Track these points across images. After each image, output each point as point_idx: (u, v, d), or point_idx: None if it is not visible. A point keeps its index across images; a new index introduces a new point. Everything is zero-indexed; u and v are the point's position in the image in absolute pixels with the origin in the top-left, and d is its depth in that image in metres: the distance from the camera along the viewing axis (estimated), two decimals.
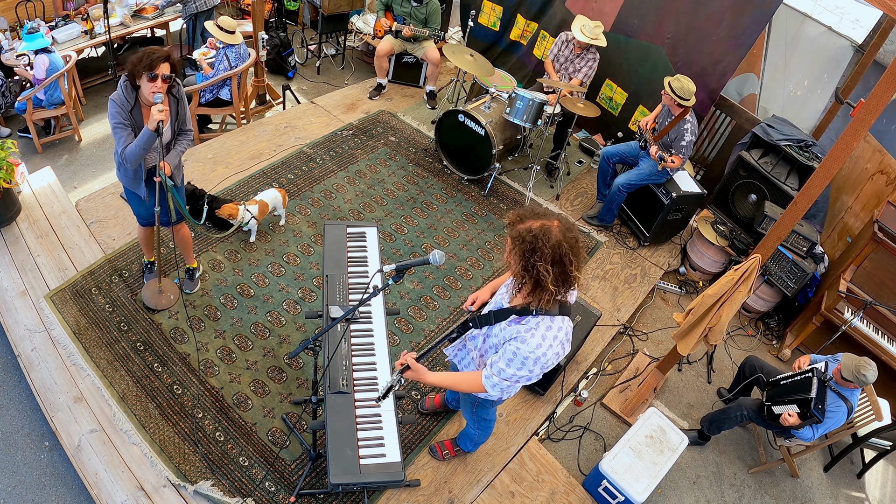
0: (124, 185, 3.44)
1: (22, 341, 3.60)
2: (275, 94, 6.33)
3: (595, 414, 4.11)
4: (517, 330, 2.26)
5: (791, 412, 3.45)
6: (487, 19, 6.82)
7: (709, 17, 5.17)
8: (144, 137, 3.01)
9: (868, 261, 4.33)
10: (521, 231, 2.08)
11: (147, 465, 3.16)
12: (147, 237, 3.81)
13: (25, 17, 5.67)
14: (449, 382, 2.50)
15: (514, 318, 2.30)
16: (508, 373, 2.27)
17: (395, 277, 2.38)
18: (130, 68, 2.95)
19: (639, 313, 4.86)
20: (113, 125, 3.03)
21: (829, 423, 3.41)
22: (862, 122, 2.54)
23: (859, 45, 5.34)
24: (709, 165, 5.95)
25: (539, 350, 2.20)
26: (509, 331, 2.29)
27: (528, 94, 4.92)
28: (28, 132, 5.28)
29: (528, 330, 2.23)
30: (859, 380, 3.38)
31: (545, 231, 2.05)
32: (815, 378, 3.49)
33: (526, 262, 2.08)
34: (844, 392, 3.46)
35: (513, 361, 2.25)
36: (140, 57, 2.93)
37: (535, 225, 2.08)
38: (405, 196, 5.17)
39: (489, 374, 2.33)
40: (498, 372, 2.30)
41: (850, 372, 3.39)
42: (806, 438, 3.48)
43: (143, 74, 2.94)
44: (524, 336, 2.22)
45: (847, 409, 3.42)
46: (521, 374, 2.26)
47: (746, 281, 3.11)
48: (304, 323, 3.98)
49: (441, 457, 3.47)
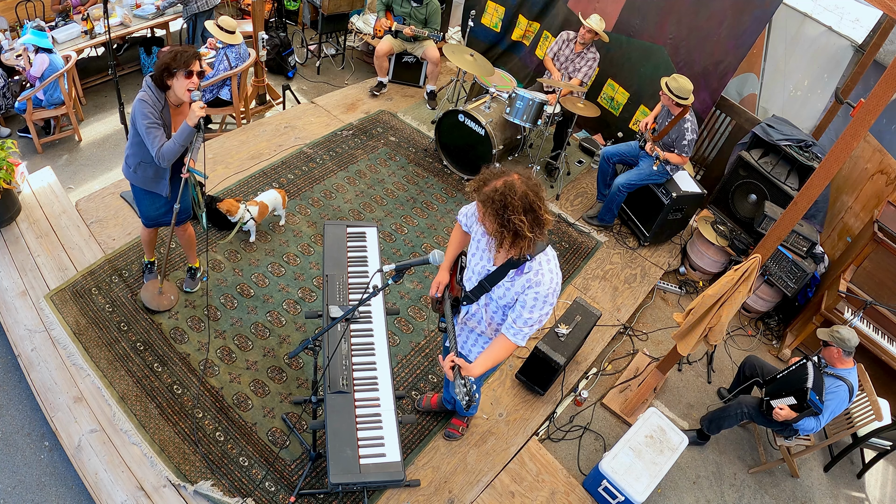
0: (138, 185, 3.38)
1: (22, 341, 3.60)
2: (275, 94, 6.33)
3: (595, 414, 4.11)
4: (526, 279, 2.37)
5: (782, 405, 3.46)
6: (490, 20, 6.82)
7: (710, 17, 5.17)
8: (185, 134, 3.04)
9: (868, 261, 4.33)
10: (489, 192, 2.19)
11: (147, 465, 3.16)
12: (151, 238, 3.81)
13: (25, 17, 5.67)
14: (492, 362, 2.55)
15: (513, 272, 2.40)
16: (535, 317, 2.40)
17: (395, 277, 2.39)
18: (164, 67, 2.94)
19: (639, 313, 4.86)
20: (147, 125, 3.01)
21: (832, 405, 3.43)
22: (862, 122, 2.54)
23: (859, 45, 5.33)
24: (709, 165, 5.96)
25: (553, 283, 2.37)
26: (518, 283, 2.39)
27: (528, 94, 4.92)
28: (28, 132, 5.28)
29: (535, 273, 2.36)
30: (835, 338, 3.48)
31: (510, 186, 2.17)
32: (810, 365, 3.52)
33: (501, 218, 2.18)
34: (840, 372, 3.51)
35: (535, 306, 2.38)
36: (175, 55, 2.94)
37: (498, 184, 2.20)
38: (405, 196, 5.17)
39: (516, 330, 2.44)
40: (524, 322, 2.41)
41: (826, 335, 3.50)
42: (810, 429, 3.49)
43: (179, 72, 2.95)
44: (537, 279, 2.35)
45: (848, 389, 3.44)
46: (545, 312, 2.41)
47: (746, 281, 3.11)
48: (304, 323, 3.98)
49: (459, 434, 3.57)
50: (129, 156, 3.27)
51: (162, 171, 3.30)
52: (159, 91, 3.04)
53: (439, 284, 2.79)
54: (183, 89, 3.01)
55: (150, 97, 3.01)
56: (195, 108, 2.99)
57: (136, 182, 3.37)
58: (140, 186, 3.39)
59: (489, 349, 2.55)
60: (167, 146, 3.06)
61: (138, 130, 3.07)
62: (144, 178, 3.32)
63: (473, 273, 2.57)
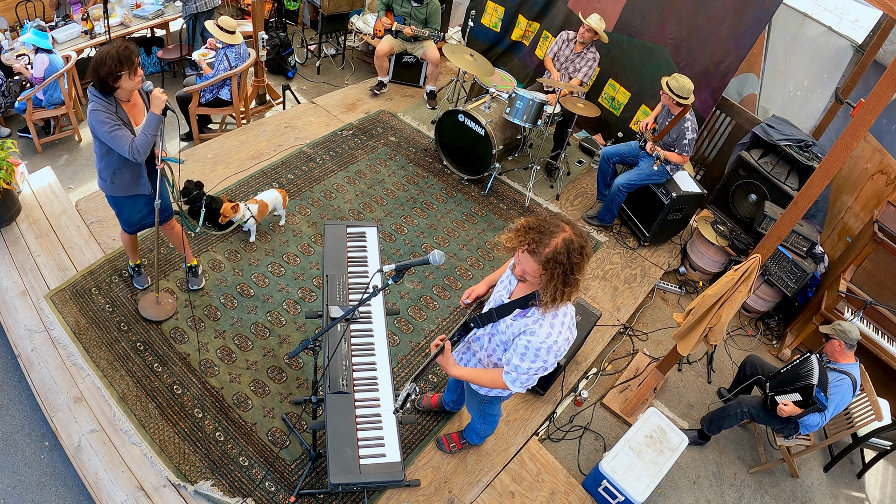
0: (117, 194, 3.37)
1: (22, 341, 3.60)
2: (275, 94, 6.33)
3: (595, 414, 4.11)
4: (524, 324, 2.28)
5: (787, 401, 3.46)
6: (489, 20, 6.82)
7: (710, 17, 5.17)
8: (153, 123, 3.06)
9: (868, 261, 4.33)
10: (551, 255, 2.04)
11: (147, 465, 3.16)
12: (133, 242, 3.80)
13: (25, 17, 5.67)
14: (470, 376, 2.53)
15: (518, 312, 2.32)
16: (524, 367, 2.29)
17: (395, 277, 2.38)
18: (108, 74, 2.92)
19: (639, 313, 4.86)
20: (109, 130, 3.00)
21: (836, 399, 3.44)
22: (862, 122, 2.54)
23: (859, 45, 5.33)
24: (709, 165, 5.96)
25: (549, 339, 2.22)
26: (517, 325, 2.31)
27: (528, 94, 4.92)
28: (28, 132, 5.28)
29: (535, 322, 2.24)
30: (837, 331, 3.50)
31: (569, 245, 2.04)
32: (814, 359, 3.53)
33: (566, 279, 2.07)
34: (843, 367, 3.53)
35: (526, 355, 2.27)
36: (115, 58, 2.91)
37: (558, 244, 2.05)
38: (405, 196, 5.17)
39: (508, 371, 2.36)
40: (514, 368, 2.32)
41: (829, 328, 3.53)
42: (814, 426, 3.49)
43: (125, 72, 2.95)
44: (532, 328, 2.24)
45: (851, 382, 3.46)
46: (537, 366, 2.28)
47: (746, 281, 3.11)
48: (304, 323, 3.98)
49: (448, 449, 3.49)
50: (102, 170, 3.26)
51: (139, 170, 3.29)
52: (106, 95, 3.03)
53: (471, 293, 2.73)
54: (133, 87, 3.03)
55: (100, 104, 3.00)
56: (158, 95, 3.06)
57: (116, 192, 3.36)
58: (121, 195, 3.38)
59: (484, 370, 2.52)
60: (138, 140, 3.06)
61: (102, 140, 3.07)
62: (122, 184, 3.31)
63: (492, 300, 2.54)
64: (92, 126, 3.03)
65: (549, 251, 2.04)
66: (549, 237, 2.05)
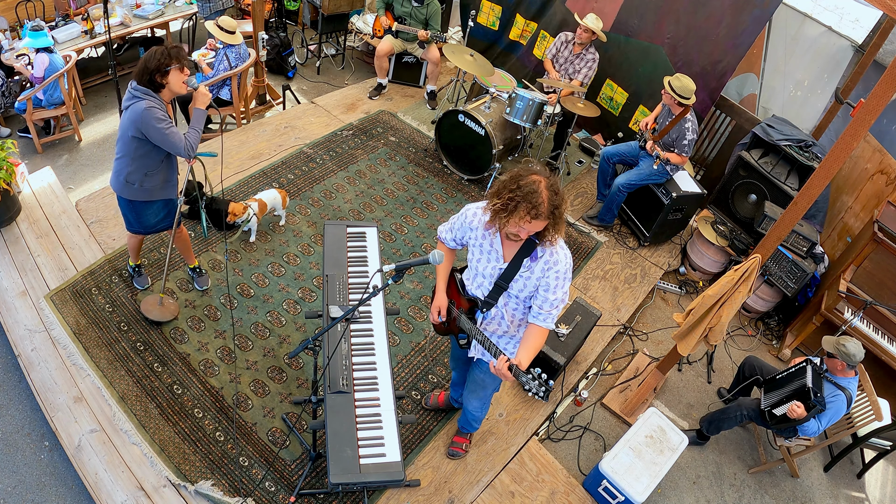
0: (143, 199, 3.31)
1: (22, 341, 3.60)
2: (275, 94, 6.33)
3: (595, 414, 4.11)
4: (543, 262, 2.40)
5: (799, 403, 3.42)
6: (486, 19, 6.81)
7: (708, 16, 5.17)
8: (201, 119, 3.10)
9: (868, 261, 4.33)
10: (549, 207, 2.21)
11: (147, 465, 3.16)
12: (139, 243, 3.79)
13: (25, 17, 5.66)
14: (534, 351, 2.52)
15: (527, 261, 2.42)
16: (559, 296, 2.44)
17: (395, 277, 2.39)
18: (156, 68, 2.94)
19: (639, 313, 4.86)
20: (165, 128, 3.00)
21: (829, 412, 3.41)
22: (862, 122, 2.54)
23: (859, 45, 5.34)
24: (709, 165, 5.95)
25: (567, 260, 2.42)
26: (537, 269, 2.42)
27: (528, 94, 4.92)
28: (28, 132, 5.28)
29: (550, 254, 2.39)
30: (840, 352, 3.42)
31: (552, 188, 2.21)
32: (810, 368, 3.51)
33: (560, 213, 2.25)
34: (841, 381, 3.48)
35: (558, 285, 2.42)
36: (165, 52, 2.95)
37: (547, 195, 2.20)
38: (405, 196, 5.17)
39: (545, 315, 2.46)
40: (551, 305, 2.44)
41: (832, 345, 3.45)
42: (812, 432, 3.48)
43: (173, 67, 2.98)
44: (553, 259, 2.39)
45: (846, 399, 3.42)
46: (565, 290, 2.46)
47: (746, 281, 3.11)
48: (304, 323, 3.98)
49: (464, 452, 3.51)
50: (131, 172, 3.17)
51: (170, 174, 3.30)
52: (156, 93, 3.04)
53: (440, 308, 2.75)
54: (180, 82, 3.03)
55: (154, 102, 3.00)
56: (203, 91, 3.13)
57: (142, 196, 3.29)
58: (146, 200, 3.32)
59: (527, 342, 2.49)
60: (191, 137, 3.09)
61: (153, 139, 3.03)
62: (152, 188, 3.27)
63: (484, 278, 2.55)
64: (142, 125, 2.98)
65: (546, 205, 2.20)
66: (536, 196, 2.18)
